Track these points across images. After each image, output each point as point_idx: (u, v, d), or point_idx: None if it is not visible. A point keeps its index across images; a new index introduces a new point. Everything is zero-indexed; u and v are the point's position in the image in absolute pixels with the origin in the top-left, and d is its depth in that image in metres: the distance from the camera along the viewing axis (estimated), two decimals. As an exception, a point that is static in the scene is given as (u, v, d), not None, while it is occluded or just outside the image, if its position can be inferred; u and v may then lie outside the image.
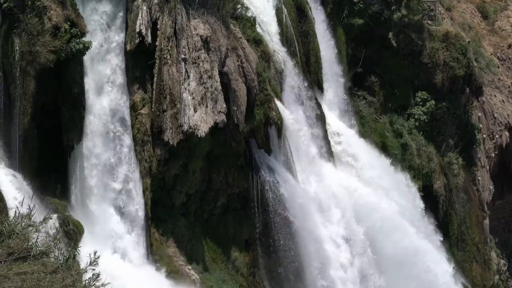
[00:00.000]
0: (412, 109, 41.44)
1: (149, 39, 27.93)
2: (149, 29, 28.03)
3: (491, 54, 49.47)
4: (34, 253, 12.11)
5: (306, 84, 35.11)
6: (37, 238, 12.56)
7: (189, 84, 28.46)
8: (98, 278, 11.69)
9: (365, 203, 35.21)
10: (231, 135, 30.46)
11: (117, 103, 27.50)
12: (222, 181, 30.99)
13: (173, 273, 28.12)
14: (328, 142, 35.76)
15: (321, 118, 35.41)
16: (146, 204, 27.86)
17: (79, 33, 25.39)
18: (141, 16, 27.86)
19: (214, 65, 29.14)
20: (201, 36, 28.99)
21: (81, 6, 26.58)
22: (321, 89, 37.29)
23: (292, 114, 33.08)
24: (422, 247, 36.74)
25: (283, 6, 35.03)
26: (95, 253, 11.97)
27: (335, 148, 36.60)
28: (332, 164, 35.77)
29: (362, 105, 40.21)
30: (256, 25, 32.98)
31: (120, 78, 27.60)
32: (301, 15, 36.50)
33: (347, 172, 36.42)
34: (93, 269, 11.85)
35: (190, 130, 28.09)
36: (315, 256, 32.31)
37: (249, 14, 32.59)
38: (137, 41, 27.79)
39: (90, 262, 11.69)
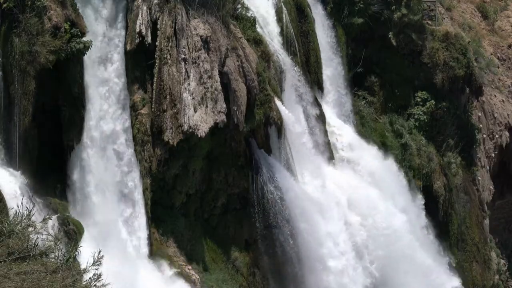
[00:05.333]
0: (412, 109, 41.40)
1: (149, 39, 27.92)
2: (149, 29, 28.01)
3: (491, 54, 49.40)
4: (34, 253, 12.07)
5: (306, 83, 35.08)
6: (37, 238, 12.52)
7: (189, 84, 28.44)
8: (99, 279, 11.62)
9: (365, 203, 35.19)
10: (231, 135, 30.43)
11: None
12: (222, 181, 30.96)
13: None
14: (328, 142, 35.73)
15: (321, 118, 35.38)
16: (146, 204, 27.83)
17: (79, 33, 25.37)
18: (141, 16, 27.84)
19: (214, 65, 29.11)
20: (201, 36, 28.96)
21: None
22: (321, 89, 37.27)
23: (292, 114, 33.04)
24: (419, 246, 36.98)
25: (283, 6, 35.00)
26: (99, 252, 11.89)
27: (335, 147, 36.57)
28: (332, 163, 35.76)
29: (362, 105, 40.18)
30: (256, 25, 32.95)
31: None
32: (301, 15, 36.47)
33: (347, 172, 36.39)
34: (96, 269, 11.77)
35: (190, 130, 28.06)
36: (315, 256, 32.28)
37: (249, 14, 32.57)
38: (137, 41, 27.78)
39: (93, 261, 11.62)
